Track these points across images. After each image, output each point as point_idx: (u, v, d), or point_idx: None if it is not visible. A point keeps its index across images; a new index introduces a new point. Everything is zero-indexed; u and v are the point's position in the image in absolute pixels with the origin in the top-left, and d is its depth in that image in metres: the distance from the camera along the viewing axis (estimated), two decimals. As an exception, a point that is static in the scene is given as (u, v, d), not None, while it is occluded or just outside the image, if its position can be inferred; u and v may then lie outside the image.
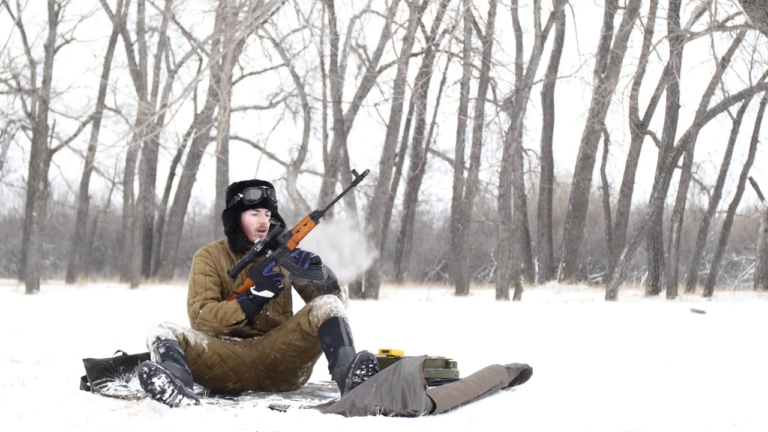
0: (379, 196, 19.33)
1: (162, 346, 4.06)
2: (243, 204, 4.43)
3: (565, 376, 5.09)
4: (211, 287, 4.38)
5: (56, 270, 29.84)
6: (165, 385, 3.73)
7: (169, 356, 4.03)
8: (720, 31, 17.11)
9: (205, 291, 4.37)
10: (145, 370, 3.75)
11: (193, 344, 4.22)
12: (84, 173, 25.47)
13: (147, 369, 3.75)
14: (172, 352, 4.06)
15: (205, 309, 4.31)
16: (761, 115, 21.31)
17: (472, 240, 26.51)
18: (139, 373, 3.75)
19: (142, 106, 17.65)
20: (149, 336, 4.14)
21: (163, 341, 4.08)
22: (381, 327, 9.20)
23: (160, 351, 4.05)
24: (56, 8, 22.59)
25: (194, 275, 4.40)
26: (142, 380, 3.74)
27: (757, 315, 12.11)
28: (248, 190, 4.44)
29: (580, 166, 22.44)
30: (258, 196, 4.42)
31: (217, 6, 18.18)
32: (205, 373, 4.31)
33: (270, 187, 4.51)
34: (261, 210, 4.44)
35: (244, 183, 4.48)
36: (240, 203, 4.44)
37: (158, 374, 3.74)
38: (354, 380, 3.91)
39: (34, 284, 20.28)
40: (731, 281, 26.46)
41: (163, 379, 3.74)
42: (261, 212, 4.44)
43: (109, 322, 9.54)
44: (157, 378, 3.74)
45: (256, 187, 4.45)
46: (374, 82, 21.59)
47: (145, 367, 3.75)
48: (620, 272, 18.38)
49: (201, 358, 4.26)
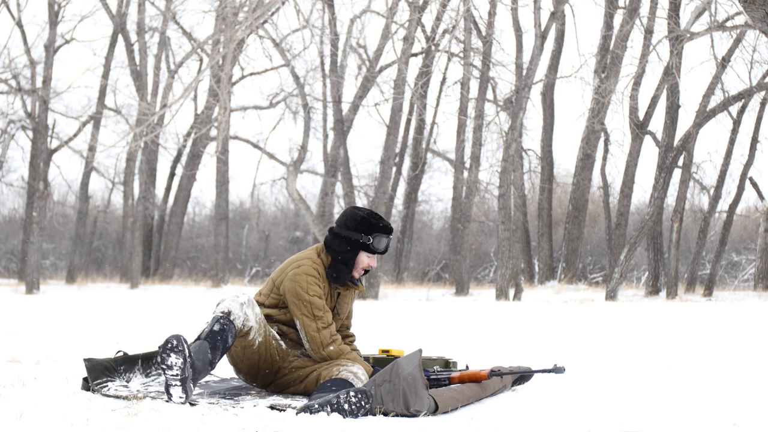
0: (379, 196, 19.32)
1: (218, 324, 4.00)
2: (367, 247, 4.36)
3: (565, 376, 5.08)
4: (328, 310, 4.34)
5: (56, 270, 29.84)
6: (176, 366, 3.72)
7: (215, 339, 3.95)
8: (720, 31, 17.11)
9: (324, 314, 4.29)
10: (173, 342, 3.73)
11: (249, 339, 4.20)
12: (84, 173, 25.47)
13: (175, 341, 3.74)
14: (222, 337, 3.98)
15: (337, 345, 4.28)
16: (761, 115, 21.31)
17: (472, 240, 26.52)
18: (167, 339, 3.73)
19: (142, 107, 17.65)
20: (223, 304, 4.08)
21: (226, 320, 4.03)
22: (381, 327, 9.20)
23: (215, 327, 3.99)
24: (56, 8, 22.60)
25: (310, 297, 4.28)
26: (166, 344, 3.73)
27: (757, 315, 12.11)
28: (379, 237, 4.36)
29: (580, 166, 22.44)
30: (384, 247, 4.39)
31: (217, 6, 18.18)
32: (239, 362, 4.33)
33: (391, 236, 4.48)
34: (375, 256, 4.41)
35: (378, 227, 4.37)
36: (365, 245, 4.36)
37: (180, 353, 3.72)
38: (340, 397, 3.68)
39: (34, 284, 20.28)
40: (731, 281, 26.46)
41: (180, 361, 3.72)
42: (374, 258, 4.41)
43: (109, 322, 9.54)
44: (176, 355, 3.73)
45: (386, 236, 4.39)
46: (374, 82, 21.60)
47: (174, 339, 3.73)
48: (620, 272, 18.38)
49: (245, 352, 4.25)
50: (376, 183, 21.80)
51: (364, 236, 4.34)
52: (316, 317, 4.26)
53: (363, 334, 8.20)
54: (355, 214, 4.37)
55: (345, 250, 4.35)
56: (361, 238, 4.34)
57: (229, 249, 25.90)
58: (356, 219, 4.35)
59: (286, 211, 32.06)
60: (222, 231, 23.42)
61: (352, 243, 4.34)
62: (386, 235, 4.38)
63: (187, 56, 25.15)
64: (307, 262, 4.32)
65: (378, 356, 4.82)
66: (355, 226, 4.35)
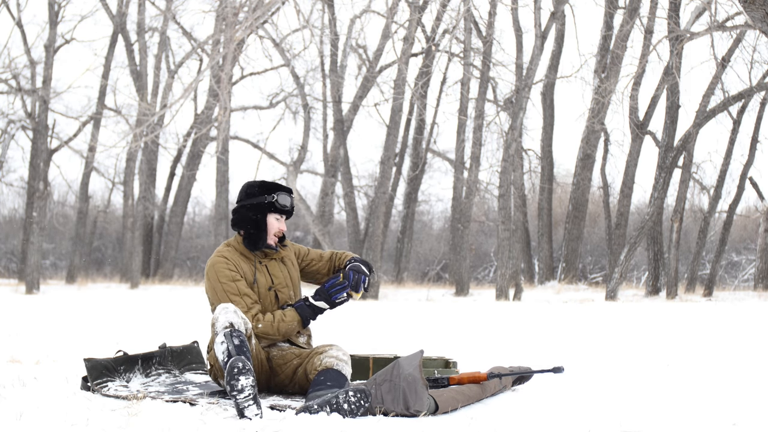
0: (379, 196, 19.32)
1: (236, 338, 3.97)
2: (273, 206, 4.44)
3: (565, 376, 5.08)
4: (246, 292, 4.33)
5: (56, 270, 29.84)
6: (246, 387, 3.67)
7: (243, 352, 3.93)
8: (720, 31, 17.11)
9: (241, 297, 4.30)
10: (239, 365, 3.69)
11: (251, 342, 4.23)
12: (84, 173, 25.47)
13: (241, 365, 3.70)
14: (246, 348, 3.97)
15: (265, 324, 4.27)
16: (761, 115, 21.30)
17: (472, 240, 26.52)
18: (232, 365, 3.68)
19: (143, 107, 17.64)
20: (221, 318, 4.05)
21: (237, 331, 4.01)
22: (381, 327, 9.20)
23: (235, 342, 3.94)
24: (56, 8, 22.60)
25: (224, 285, 4.31)
26: (231, 372, 3.68)
27: (757, 315, 12.11)
28: (281, 194, 4.46)
29: (580, 166, 22.44)
30: (289, 204, 4.48)
31: (218, 6, 18.18)
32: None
33: (292, 195, 4.57)
34: (283, 216, 4.48)
35: (276, 186, 4.50)
36: (270, 204, 4.44)
37: (248, 375, 3.69)
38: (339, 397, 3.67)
39: (34, 284, 20.28)
40: (731, 281, 26.46)
41: (250, 381, 3.68)
42: (282, 219, 4.48)
43: (109, 322, 9.54)
44: (245, 378, 3.68)
45: (287, 194, 4.49)
46: (374, 82, 21.60)
47: (240, 363, 3.69)
48: (620, 272, 18.38)
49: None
50: (376, 183, 21.80)
51: (267, 196, 4.44)
52: (239, 303, 4.29)
53: (363, 333, 8.20)
54: (251, 183, 4.51)
55: (254, 217, 4.43)
56: (265, 199, 4.43)
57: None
58: (254, 186, 4.49)
59: (286, 211, 32.02)
60: (222, 231, 23.41)
61: (257, 207, 4.44)
62: (287, 193, 4.48)
63: (187, 56, 25.15)
64: (214, 256, 4.41)
65: (378, 356, 4.82)
66: (255, 192, 4.46)
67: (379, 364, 4.74)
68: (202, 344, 6.02)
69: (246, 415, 3.64)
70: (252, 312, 4.29)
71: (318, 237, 20.93)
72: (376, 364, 4.76)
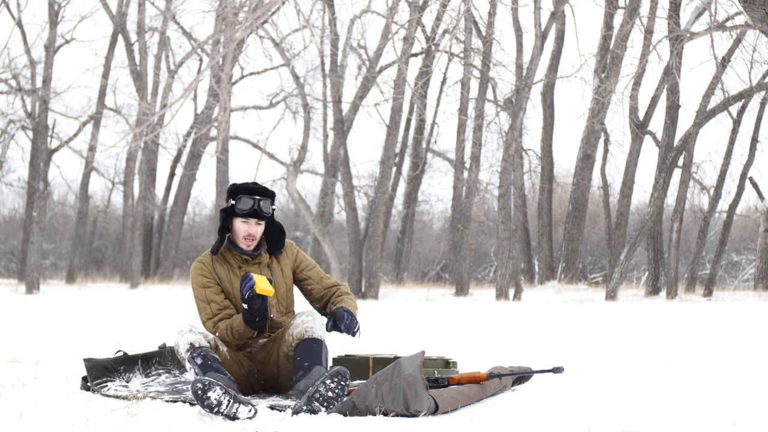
0: (379, 196, 19.32)
1: (198, 356, 4.00)
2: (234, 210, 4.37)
3: (565, 376, 5.08)
4: (214, 299, 4.33)
5: (56, 270, 29.84)
6: (221, 397, 3.66)
7: (208, 366, 3.96)
8: (720, 31, 17.11)
9: (208, 304, 4.31)
10: (198, 386, 3.68)
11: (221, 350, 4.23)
12: (84, 173, 25.47)
13: (201, 385, 3.69)
14: (210, 360, 4.00)
15: (221, 331, 4.25)
16: (761, 115, 21.30)
17: (472, 240, 26.52)
18: (194, 390, 3.68)
19: (143, 107, 17.64)
20: (180, 343, 4.08)
21: (197, 349, 4.03)
22: (381, 327, 9.20)
23: (197, 362, 3.99)
24: (56, 8, 22.60)
25: (195, 291, 4.36)
26: (198, 396, 3.68)
27: (757, 315, 12.11)
28: (241, 198, 4.33)
29: (580, 166, 22.44)
30: (248, 207, 4.32)
31: (217, 6, 18.18)
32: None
33: (265, 197, 4.38)
34: (251, 220, 4.36)
35: (240, 188, 4.39)
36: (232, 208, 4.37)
37: (212, 388, 3.67)
38: (319, 389, 3.72)
39: (34, 284, 20.28)
40: (731, 281, 26.46)
41: (218, 392, 3.67)
42: (251, 222, 4.35)
43: (109, 322, 9.54)
44: (212, 392, 3.67)
45: (249, 196, 4.34)
46: (374, 82, 21.60)
47: (198, 384, 3.69)
48: (620, 272, 18.38)
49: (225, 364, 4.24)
50: (376, 183, 21.79)
51: (232, 200, 4.37)
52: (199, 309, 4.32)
53: (363, 334, 8.19)
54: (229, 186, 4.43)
55: (221, 222, 4.39)
56: (228, 204, 4.38)
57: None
58: (228, 188, 4.41)
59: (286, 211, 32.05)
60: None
61: (225, 210, 4.39)
62: (249, 195, 4.33)
63: (187, 56, 25.15)
64: (195, 261, 4.42)
65: (378, 356, 4.82)
66: (227, 194, 4.41)
67: (379, 364, 4.74)
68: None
69: (239, 417, 3.64)
70: (215, 319, 4.29)
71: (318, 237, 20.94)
72: (376, 364, 4.75)
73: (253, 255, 4.39)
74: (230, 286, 4.37)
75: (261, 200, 4.34)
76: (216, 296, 4.33)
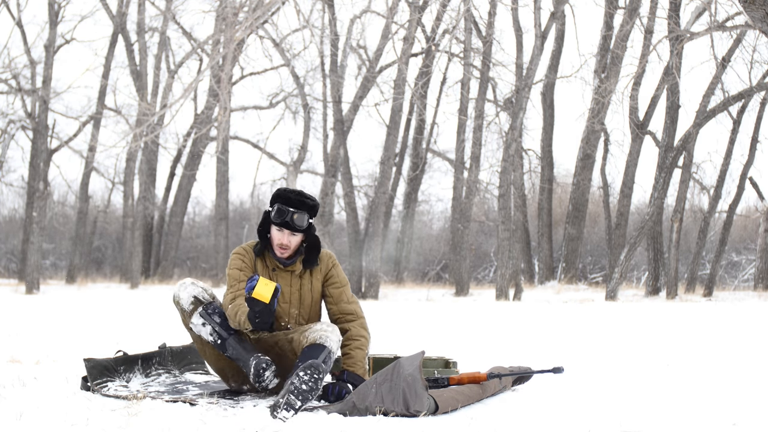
0: (379, 196, 19.32)
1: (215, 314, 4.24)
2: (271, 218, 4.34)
3: (565, 376, 5.08)
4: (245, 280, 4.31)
5: (56, 270, 29.83)
6: (271, 377, 4.06)
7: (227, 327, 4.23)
8: (720, 31, 17.11)
9: (238, 283, 4.31)
10: (263, 365, 4.01)
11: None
12: (84, 173, 25.47)
13: (264, 365, 4.02)
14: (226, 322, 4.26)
15: (233, 305, 4.22)
16: (761, 115, 21.30)
17: (472, 240, 26.52)
18: (256, 366, 3.99)
19: (143, 107, 17.65)
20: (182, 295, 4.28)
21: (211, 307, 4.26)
22: (381, 327, 9.20)
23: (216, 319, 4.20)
24: (56, 8, 22.59)
25: (230, 270, 4.35)
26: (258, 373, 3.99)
27: (757, 315, 12.11)
28: (280, 208, 4.29)
29: (580, 166, 22.44)
30: (281, 218, 4.28)
31: (217, 6, 18.18)
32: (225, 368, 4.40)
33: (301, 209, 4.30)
34: (285, 231, 4.30)
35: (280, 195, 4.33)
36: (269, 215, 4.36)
37: (270, 367, 4.02)
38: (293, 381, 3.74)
39: (34, 284, 20.28)
40: (731, 281, 26.46)
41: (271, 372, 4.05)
42: (285, 233, 4.30)
43: (109, 322, 9.54)
44: (269, 371, 4.02)
45: (285, 206, 4.28)
46: (374, 82, 21.60)
47: (263, 364, 4.01)
48: (620, 272, 18.38)
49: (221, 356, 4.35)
50: (376, 183, 21.80)
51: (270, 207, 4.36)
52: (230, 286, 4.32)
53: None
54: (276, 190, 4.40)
55: (260, 224, 4.40)
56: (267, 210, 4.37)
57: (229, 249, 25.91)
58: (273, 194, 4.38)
59: (286, 211, 32.02)
60: (222, 231, 23.42)
61: (264, 217, 4.39)
62: (286, 206, 4.27)
63: (187, 56, 25.15)
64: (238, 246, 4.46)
65: (378, 356, 4.82)
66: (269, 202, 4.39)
67: (379, 364, 4.74)
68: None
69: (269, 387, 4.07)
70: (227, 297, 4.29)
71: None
72: (376, 364, 4.75)
73: (285, 263, 4.38)
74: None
75: (296, 213, 4.27)
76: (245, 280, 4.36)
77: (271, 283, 3.99)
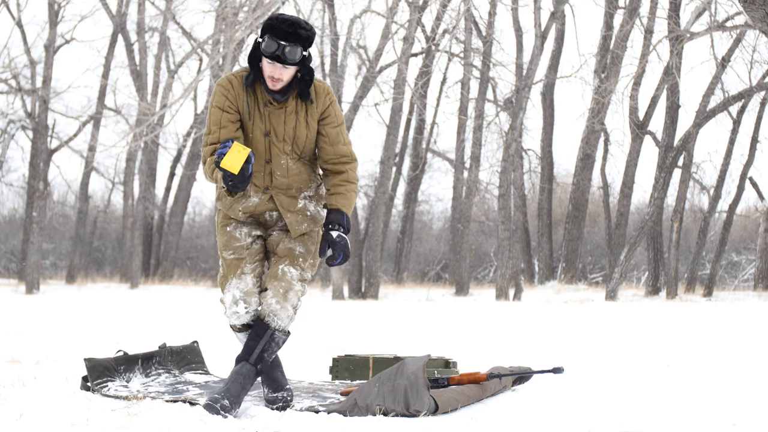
0: (379, 196, 19.32)
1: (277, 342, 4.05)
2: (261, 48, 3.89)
3: (565, 376, 5.08)
4: (227, 125, 3.96)
5: (56, 270, 29.83)
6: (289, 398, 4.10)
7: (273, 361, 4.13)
8: (720, 31, 17.11)
9: (219, 129, 3.98)
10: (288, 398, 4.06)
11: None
12: (84, 173, 25.47)
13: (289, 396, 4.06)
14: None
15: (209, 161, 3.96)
16: (761, 115, 21.31)
17: (472, 240, 26.52)
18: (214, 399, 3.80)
19: (142, 107, 17.65)
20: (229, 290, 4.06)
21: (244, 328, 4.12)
22: (381, 327, 9.20)
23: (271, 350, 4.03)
24: (56, 8, 22.60)
25: (211, 108, 3.98)
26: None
27: (757, 315, 12.11)
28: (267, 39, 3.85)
29: (580, 166, 22.44)
30: (271, 50, 3.84)
31: (217, 6, 18.18)
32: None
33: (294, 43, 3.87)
34: (277, 64, 3.87)
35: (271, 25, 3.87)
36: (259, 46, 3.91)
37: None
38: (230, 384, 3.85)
39: (34, 284, 20.28)
40: (731, 281, 26.46)
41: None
42: (276, 66, 3.87)
43: (109, 322, 9.54)
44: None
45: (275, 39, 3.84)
46: (374, 82, 21.60)
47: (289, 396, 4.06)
48: (620, 272, 18.38)
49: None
50: (376, 183, 21.79)
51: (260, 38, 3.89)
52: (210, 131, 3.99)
53: (363, 334, 8.20)
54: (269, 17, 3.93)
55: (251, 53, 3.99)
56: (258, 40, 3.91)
57: (229, 249, 25.89)
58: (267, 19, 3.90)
59: (286, 211, 32.00)
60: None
61: (254, 45, 3.98)
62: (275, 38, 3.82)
63: (187, 56, 25.15)
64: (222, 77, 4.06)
65: (378, 356, 4.82)
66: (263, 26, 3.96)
67: (379, 364, 4.74)
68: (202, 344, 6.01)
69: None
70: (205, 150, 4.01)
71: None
72: (376, 364, 4.75)
73: (278, 99, 4.00)
74: (249, 120, 4.01)
75: (287, 47, 3.85)
76: (231, 124, 3.99)
77: (244, 150, 3.68)
